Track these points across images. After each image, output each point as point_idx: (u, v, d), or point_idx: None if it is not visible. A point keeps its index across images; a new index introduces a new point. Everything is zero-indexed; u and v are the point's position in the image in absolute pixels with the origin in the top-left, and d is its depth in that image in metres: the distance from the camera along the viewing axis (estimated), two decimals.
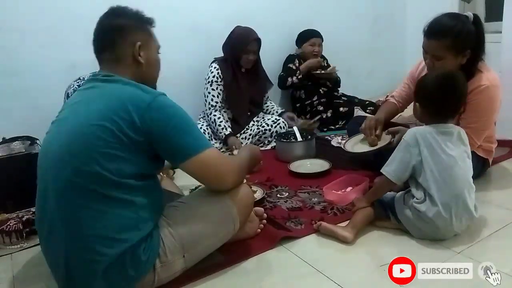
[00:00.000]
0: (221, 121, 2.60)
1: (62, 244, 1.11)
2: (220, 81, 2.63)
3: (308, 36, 3.17)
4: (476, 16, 1.68)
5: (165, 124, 1.12)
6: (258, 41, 2.63)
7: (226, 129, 2.57)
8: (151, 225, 1.17)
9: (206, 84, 2.65)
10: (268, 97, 2.96)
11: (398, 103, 2.10)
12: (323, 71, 3.15)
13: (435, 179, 1.39)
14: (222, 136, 2.57)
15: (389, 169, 1.45)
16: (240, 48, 2.59)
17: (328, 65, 3.32)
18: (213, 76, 2.63)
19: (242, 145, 2.57)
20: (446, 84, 1.43)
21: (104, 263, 1.09)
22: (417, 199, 1.43)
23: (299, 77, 3.06)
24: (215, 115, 2.61)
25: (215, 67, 2.65)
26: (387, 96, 2.27)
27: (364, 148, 1.96)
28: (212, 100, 2.64)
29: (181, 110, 1.18)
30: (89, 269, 1.10)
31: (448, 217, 1.37)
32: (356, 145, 2.01)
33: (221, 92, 2.66)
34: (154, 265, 1.17)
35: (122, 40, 1.22)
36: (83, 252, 1.10)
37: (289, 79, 3.06)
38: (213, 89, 2.63)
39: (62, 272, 1.14)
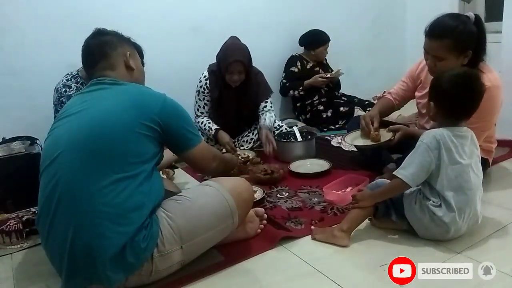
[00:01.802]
0: (205, 124, 2.56)
1: (71, 223, 1.12)
2: (207, 93, 2.56)
3: (324, 41, 3.20)
4: (477, 17, 1.67)
5: (177, 119, 1.32)
6: (241, 62, 2.38)
7: (211, 128, 2.52)
8: (153, 204, 1.23)
9: (196, 91, 2.61)
10: (270, 101, 2.66)
11: (394, 100, 2.10)
12: (328, 75, 3.15)
13: (451, 184, 1.37)
14: (211, 135, 2.53)
15: (407, 172, 1.37)
16: (223, 68, 2.42)
17: (329, 66, 3.34)
18: (200, 87, 2.57)
19: (240, 150, 2.57)
20: (463, 83, 1.37)
21: (111, 241, 1.12)
22: (433, 202, 1.39)
23: (301, 93, 3.14)
24: (199, 122, 2.58)
25: (204, 76, 2.56)
26: (383, 93, 2.26)
27: (363, 143, 1.96)
28: (198, 110, 2.61)
29: (183, 109, 1.37)
30: (95, 249, 1.11)
31: (460, 221, 1.37)
32: (356, 139, 2.01)
33: (207, 102, 2.60)
34: (152, 254, 1.19)
35: (113, 51, 1.38)
36: (93, 228, 1.12)
37: (291, 91, 3.15)
38: (199, 99, 2.59)
39: (66, 259, 1.14)
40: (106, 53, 1.36)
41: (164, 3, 2.76)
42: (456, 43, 1.61)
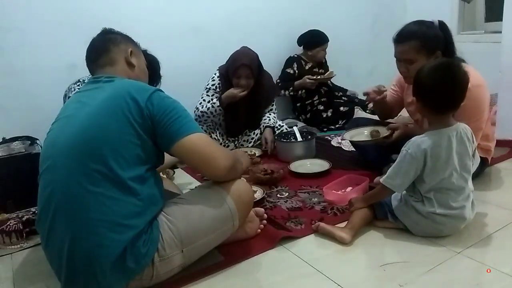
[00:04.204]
0: (205, 106, 2.54)
1: (68, 231, 1.11)
2: (219, 91, 2.58)
3: (322, 41, 3.19)
4: (441, 22, 1.75)
5: (164, 110, 1.20)
6: (249, 67, 2.44)
7: (214, 102, 2.51)
8: (154, 212, 1.21)
9: (204, 89, 2.62)
10: (272, 108, 2.79)
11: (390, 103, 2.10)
12: (319, 76, 3.13)
13: (433, 187, 1.40)
14: (218, 109, 2.51)
15: (395, 183, 1.41)
16: (231, 72, 2.49)
17: (327, 64, 3.34)
18: (213, 85, 2.58)
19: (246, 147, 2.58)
20: (442, 73, 1.35)
21: (110, 250, 1.10)
22: (415, 198, 1.44)
23: (291, 93, 3.17)
24: (198, 109, 2.57)
25: (218, 76, 2.59)
26: None
27: (362, 138, 1.97)
28: (200, 104, 2.60)
29: (177, 101, 1.27)
30: (93, 257, 1.10)
31: (443, 211, 1.38)
32: (355, 136, 2.01)
33: (214, 99, 2.60)
34: (153, 259, 1.18)
35: (115, 47, 1.36)
36: (91, 236, 1.10)
37: (282, 91, 3.15)
38: (207, 95, 2.60)
39: (64, 264, 1.13)
40: (107, 48, 1.35)
41: (164, 3, 2.77)
42: (422, 43, 1.68)
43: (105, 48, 1.35)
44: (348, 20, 3.60)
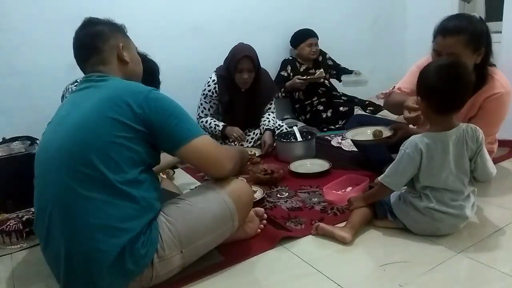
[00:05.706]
0: (210, 123, 2.61)
1: (63, 236, 1.11)
2: (215, 97, 2.58)
3: (304, 37, 3.17)
4: (481, 18, 1.70)
5: (162, 113, 1.18)
6: (251, 58, 2.43)
7: (218, 125, 2.58)
8: (151, 215, 1.19)
9: (201, 94, 2.63)
10: (271, 107, 2.76)
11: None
12: (308, 77, 3.11)
13: (429, 186, 1.41)
14: (218, 132, 2.58)
15: (392, 181, 1.43)
16: (232, 67, 2.46)
17: (327, 62, 3.33)
18: (209, 90, 2.58)
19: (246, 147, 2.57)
20: (449, 73, 1.31)
21: (108, 254, 1.10)
22: (413, 194, 1.45)
23: (282, 95, 3.17)
24: (202, 121, 2.63)
25: (213, 81, 2.57)
26: (393, 88, 2.17)
27: (364, 138, 1.94)
28: (202, 112, 2.64)
29: (174, 101, 1.25)
30: (91, 261, 1.10)
31: (443, 208, 1.39)
32: (357, 135, 1.99)
33: (213, 105, 2.64)
34: (152, 260, 1.18)
35: (105, 44, 1.30)
36: (87, 241, 1.09)
37: (276, 94, 3.12)
38: (205, 102, 2.62)
39: (63, 268, 1.13)
40: (97, 47, 1.28)
41: (164, 3, 2.76)
42: (472, 37, 1.59)
43: (94, 47, 1.29)
44: (348, 20, 3.60)
